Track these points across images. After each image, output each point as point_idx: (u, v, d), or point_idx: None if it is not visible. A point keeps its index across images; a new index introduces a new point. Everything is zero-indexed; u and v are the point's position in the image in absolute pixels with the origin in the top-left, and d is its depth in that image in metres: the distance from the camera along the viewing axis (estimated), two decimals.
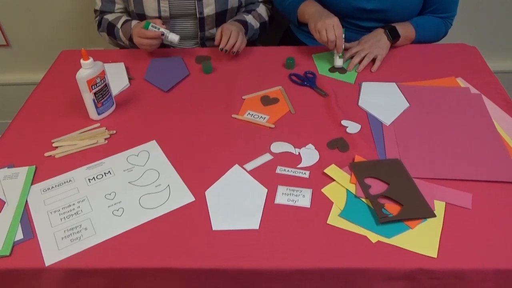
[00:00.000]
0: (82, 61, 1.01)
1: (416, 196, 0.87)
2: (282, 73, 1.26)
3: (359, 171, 0.92)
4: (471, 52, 1.33)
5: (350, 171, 0.93)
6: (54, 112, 1.13)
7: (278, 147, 1.00)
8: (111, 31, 1.37)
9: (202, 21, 1.38)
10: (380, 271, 0.77)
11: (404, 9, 1.30)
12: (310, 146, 1.00)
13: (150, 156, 0.99)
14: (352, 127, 1.05)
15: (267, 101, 1.15)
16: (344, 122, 1.06)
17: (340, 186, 0.90)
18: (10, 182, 0.93)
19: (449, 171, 0.93)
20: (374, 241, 0.80)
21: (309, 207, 0.86)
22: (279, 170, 0.94)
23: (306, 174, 0.93)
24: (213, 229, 0.83)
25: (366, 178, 0.91)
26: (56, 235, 0.82)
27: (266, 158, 0.98)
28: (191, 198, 0.89)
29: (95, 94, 1.05)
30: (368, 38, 1.30)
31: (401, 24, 1.31)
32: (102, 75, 1.05)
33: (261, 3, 1.47)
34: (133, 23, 1.32)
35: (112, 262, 0.78)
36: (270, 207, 0.86)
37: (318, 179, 0.92)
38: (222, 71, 1.27)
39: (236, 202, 0.87)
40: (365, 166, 0.94)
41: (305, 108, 1.12)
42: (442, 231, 0.81)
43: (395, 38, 1.29)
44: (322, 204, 0.87)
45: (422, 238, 0.80)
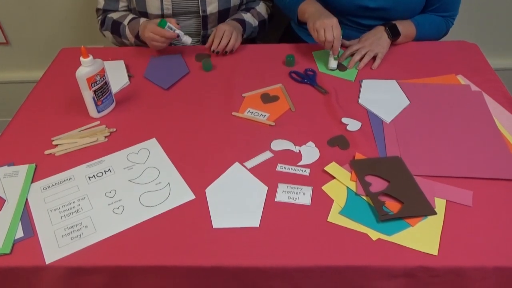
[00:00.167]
0: (81, 58, 1.01)
1: (416, 194, 0.87)
2: (282, 70, 1.26)
3: (360, 169, 0.92)
4: (471, 50, 1.32)
5: (350, 169, 0.93)
6: (54, 110, 1.13)
7: (279, 144, 1.00)
8: (115, 29, 1.36)
9: (205, 19, 1.38)
10: (380, 268, 0.77)
11: (407, 7, 1.29)
12: (311, 144, 1.00)
13: (150, 154, 0.99)
14: (353, 125, 1.05)
15: (267, 98, 1.15)
16: (344, 120, 1.06)
17: (341, 183, 0.90)
18: (10, 180, 0.93)
19: (449, 168, 0.93)
20: (374, 238, 0.80)
21: (309, 204, 0.86)
22: (280, 167, 0.94)
23: (307, 172, 0.93)
24: (213, 227, 0.83)
25: (366, 175, 0.91)
26: (57, 233, 0.82)
27: (267, 155, 0.98)
28: (192, 196, 0.89)
29: (95, 92, 1.05)
30: (369, 36, 1.30)
31: (401, 22, 1.31)
32: (102, 73, 1.05)
33: (261, 1, 1.47)
34: (141, 21, 1.32)
35: (113, 260, 0.78)
36: (271, 205, 0.86)
37: (318, 176, 0.92)
38: (222, 69, 1.27)
39: (236, 200, 0.87)
40: (365, 163, 0.94)
41: (305, 106, 1.12)
42: (442, 228, 0.81)
43: (395, 36, 1.29)
44: (322, 201, 0.87)
45: (423, 236, 0.80)
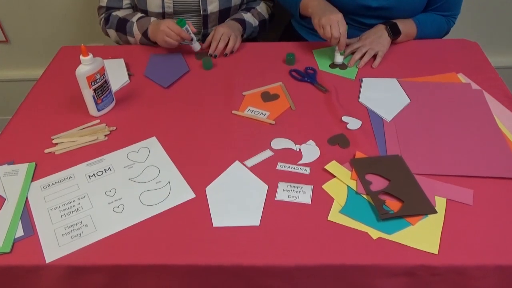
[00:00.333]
0: (81, 57, 1.01)
1: (417, 192, 0.87)
2: (282, 69, 1.26)
3: (360, 168, 0.92)
4: (472, 48, 1.32)
5: (351, 168, 0.93)
6: (54, 108, 1.13)
7: (279, 143, 1.00)
8: (121, 26, 1.35)
9: (205, 18, 1.37)
10: (381, 267, 0.76)
11: (409, 6, 1.29)
12: (311, 142, 1.00)
13: (150, 152, 0.99)
14: (353, 123, 1.05)
15: (267, 97, 1.15)
16: (344, 118, 1.06)
17: (341, 182, 0.90)
18: (10, 179, 0.93)
19: (450, 167, 0.92)
20: (375, 237, 0.80)
21: (309, 203, 0.86)
22: (280, 166, 0.94)
23: (307, 171, 0.93)
24: (213, 225, 0.83)
25: (367, 174, 0.91)
26: (57, 232, 0.82)
27: (267, 154, 0.97)
28: (192, 195, 0.89)
29: (94, 90, 1.05)
30: (369, 34, 1.29)
31: (402, 21, 1.30)
32: (102, 71, 1.05)
33: (262, 1, 1.46)
34: (151, 19, 1.31)
35: (113, 259, 0.78)
36: (271, 204, 0.86)
37: (318, 175, 0.92)
38: (222, 67, 1.27)
39: (236, 199, 0.87)
40: (366, 162, 0.94)
41: (305, 104, 1.12)
42: (443, 227, 0.81)
43: (396, 35, 1.29)
44: (322, 200, 0.87)
45: (423, 235, 0.80)
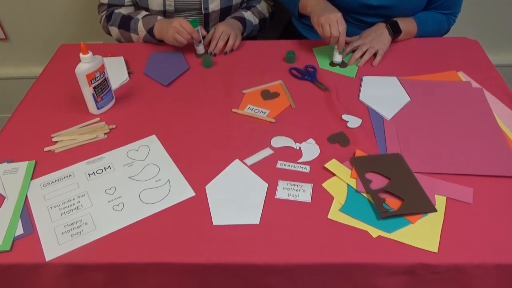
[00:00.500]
0: (81, 55, 1.00)
1: (417, 191, 0.87)
2: (282, 67, 1.25)
3: (360, 166, 0.92)
4: (472, 46, 1.32)
5: (350, 166, 0.93)
6: (54, 106, 1.13)
7: (279, 141, 1.00)
8: (125, 23, 1.34)
9: (207, 17, 1.37)
10: (380, 266, 0.77)
11: (409, 5, 1.29)
12: (311, 141, 1.00)
13: (150, 150, 0.99)
14: (353, 122, 1.05)
15: (267, 95, 1.15)
16: (344, 117, 1.06)
17: (341, 180, 0.90)
18: (10, 177, 0.93)
19: (450, 165, 0.92)
20: (375, 236, 0.80)
21: (309, 202, 0.86)
22: (280, 164, 0.94)
23: (307, 169, 0.93)
24: (213, 224, 0.83)
25: (367, 172, 0.91)
26: (57, 230, 0.82)
27: (267, 152, 0.97)
28: (192, 193, 0.89)
29: (94, 88, 1.04)
30: (370, 32, 1.29)
31: (403, 19, 1.30)
32: (102, 69, 1.05)
33: None
34: (158, 17, 1.31)
35: (113, 257, 0.78)
36: (271, 202, 0.86)
37: (318, 173, 0.92)
38: (222, 65, 1.27)
39: (236, 197, 0.87)
40: (366, 160, 0.94)
41: (305, 103, 1.12)
42: (443, 225, 0.81)
43: (396, 33, 1.28)
44: (322, 199, 0.87)
45: (423, 233, 0.80)
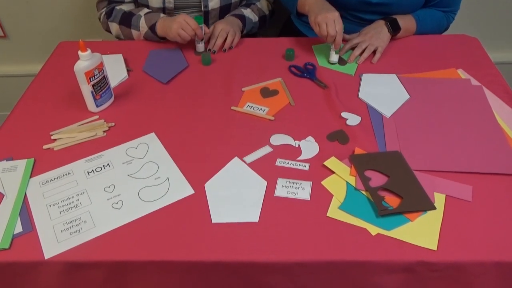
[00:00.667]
0: (80, 52, 1.00)
1: (416, 189, 0.87)
2: (281, 64, 1.25)
3: (359, 164, 0.92)
4: (472, 43, 1.32)
5: (350, 164, 0.93)
6: (52, 104, 1.12)
7: (278, 139, 1.00)
8: (125, 20, 1.33)
9: (206, 14, 1.37)
10: (379, 263, 0.77)
11: (408, 2, 1.28)
12: (310, 139, 1.00)
13: (149, 148, 0.99)
14: (352, 119, 1.05)
15: (266, 93, 1.15)
16: (344, 114, 1.06)
17: (340, 178, 0.90)
18: (8, 175, 0.93)
19: (449, 163, 0.92)
20: (374, 233, 0.80)
21: (309, 199, 0.86)
22: (279, 162, 0.94)
23: (306, 167, 0.93)
24: (212, 221, 0.83)
25: (366, 170, 0.91)
26: (56, 228, 0.82)
27: (266, 150, 0.97)
28: (191, 191, 0.88)
29: (93, 86, 1.04)
30: (369, 30, 1.29)
31: (402, 17, 1.30)
32: (100, 67, 1.04)
33: None
34: (161, 15, 1.30)
35: (112, 255, 0.78)
36: (270, 200, 0.86)
37: (318, 171, 0.92)
38: (221, 63, 1.26)
39: (235, 195, 0.87)
40: (365, 158, 0.94)
41: (305, 100, 1.12)
42: (442, 223, 0.81)
43: (395, 31, 1.28)
44: (322, 196, 0.87)
45: (422, 231, 0.80)
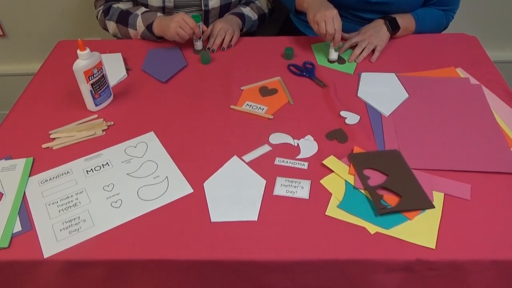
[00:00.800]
0: (78, 51, 1.00)
1: (415, 187, 0.87)
2: (280, 63, 1.25)
3: (358, 162, 0.92)
4: (471, 42, 1.32)
5: (349, 162, 0.93)
6: (51, 103, 1.12)
7: (277, 138, 1.00)
8: (123, 18, 1.33)
9: (206, 13, 1.37)
10: (378, 262, 0.77)
11: (408, 1, 1.28)
12: (309, 137, 1.00)
13: (148, 147, 0.99)
14: (351, 118, 1.05)
15: (265, 92, 1.15)
16: (343, 113, 1.06)
17: (339, 177, 0.90)
18: (7, 174, 0.93)
19: (448, 162, 0.92)
20: (372, 232, 0.80)
21: (307, 198, 0.86)
22: (278, 161, 0.94)
23: (305, 166, 0.93)
24: (211, 220, 0.83)
25: (365, 169, 0.91)
26: (55, 227, 0.82)
27: (265, 149, 0.97)
28: (190, 190, 0.89)
29: (92, 85, 1.04)
30: (368, 29, 1.29)
31: (401, 15, 1.30)
32: (99, 66, 1.04)
33: None
34: (158, 14, 1.30)
35: (111, 253, 0.78)
36: (269, 199, 0.86)
37: (316, 170, 0.92)
38: (220, 62, 1.26)
39: (234, 194, 0.87)
40: (364, 157, 0.94)
41: (304, 99, 1.12)
42: (440, 222, 0.81)
43: (395, 29, 1.28)
44: (320, 195, 0.87)
45: (421, 229, 0.80)
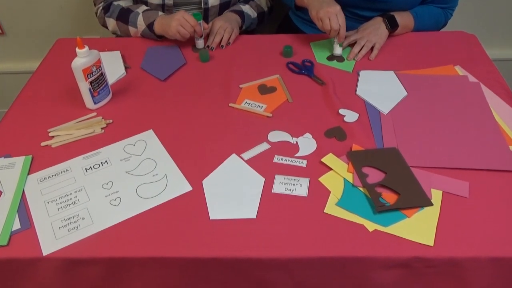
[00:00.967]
0: (77, 49, 1.00)
1: (413, 185, 0.87)
2: (279, 61, 1.25)
3: (357, 160, 0.92)
4: (470, 40, 1.32)
5: (347, 160, 0.93)
6: (50, 101, 1.12)
7: (276, 136, 1.00)
8: (123, 16, 1.33)
9: (206, 11, 1.37)
10: (377, 259, 0.77)
11: None
12: (308, 135, 1.00)
13: (147, 145, 0.99)
14: (350, 116, 1.05)
15: (264, 90, 1.15)
16: (341, 111, 1.06)
17: (338, 175, 0.90)
18: (6, 172, 0.93)
19: (446, 159, 0.93)
20: (371, 229, 0.80)
21: (306, 196, 0.86)
22: (277, 159, 0.94)
23: (304, 163, 0.93)
24: (210, 218, 0.83)
25: (363, 167, 0.91)
26: (54, 225, 0.82)
27: (264, 147, 0.97)
28: (189, 188, 0.89)
29: (91, 83, 1.04)
30: (367, 26, 1.29)
31: (400, 13, 1.30)
32: (98, 64, 1.04)
33: None
34: (159, 13, 1.30)
35: (110, 251, 0.78)
36: (268, 196, 0.86)
37: (315, 168, 0.92)
38: (219, 60, 1.26)
39: (233, 191, 0.87)
40: (362, 155, 0.94)
41: (302, 97, 1.12)
42: (439, 219, 0.81)
43: (393, 27, 1.28)
44: (319, 193, 0.87)
45: (419, 227, 0.80)
